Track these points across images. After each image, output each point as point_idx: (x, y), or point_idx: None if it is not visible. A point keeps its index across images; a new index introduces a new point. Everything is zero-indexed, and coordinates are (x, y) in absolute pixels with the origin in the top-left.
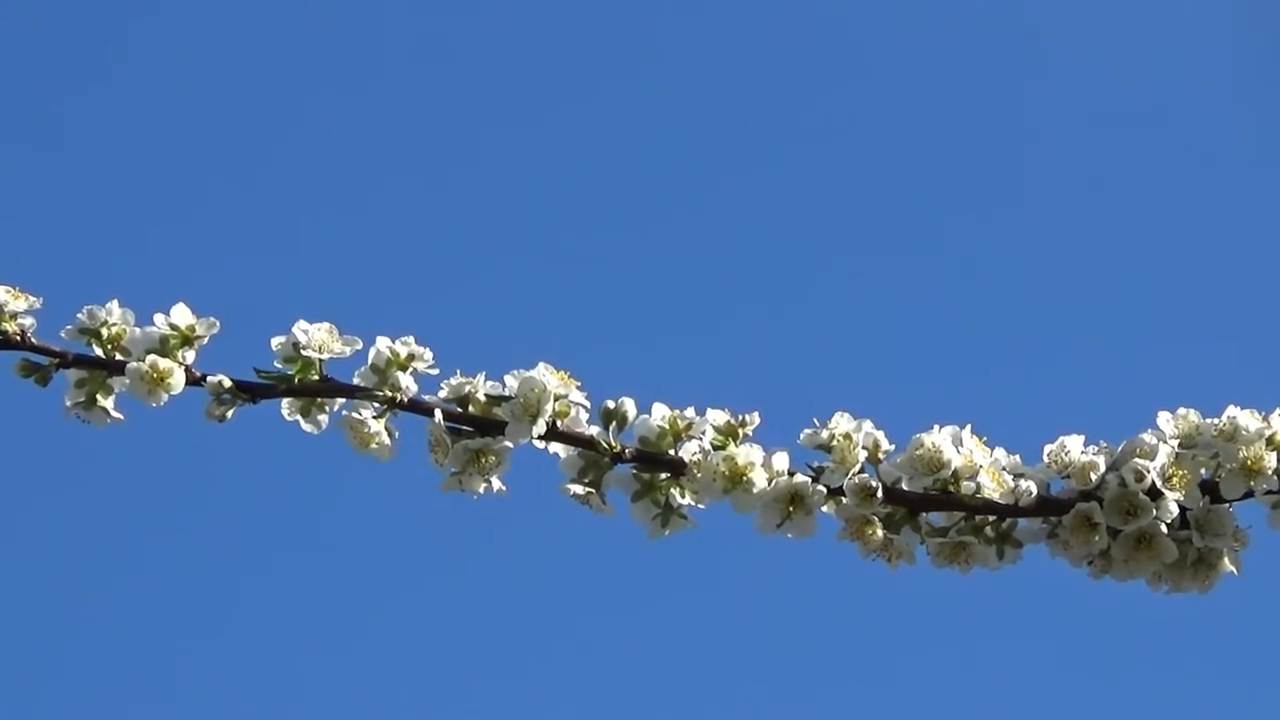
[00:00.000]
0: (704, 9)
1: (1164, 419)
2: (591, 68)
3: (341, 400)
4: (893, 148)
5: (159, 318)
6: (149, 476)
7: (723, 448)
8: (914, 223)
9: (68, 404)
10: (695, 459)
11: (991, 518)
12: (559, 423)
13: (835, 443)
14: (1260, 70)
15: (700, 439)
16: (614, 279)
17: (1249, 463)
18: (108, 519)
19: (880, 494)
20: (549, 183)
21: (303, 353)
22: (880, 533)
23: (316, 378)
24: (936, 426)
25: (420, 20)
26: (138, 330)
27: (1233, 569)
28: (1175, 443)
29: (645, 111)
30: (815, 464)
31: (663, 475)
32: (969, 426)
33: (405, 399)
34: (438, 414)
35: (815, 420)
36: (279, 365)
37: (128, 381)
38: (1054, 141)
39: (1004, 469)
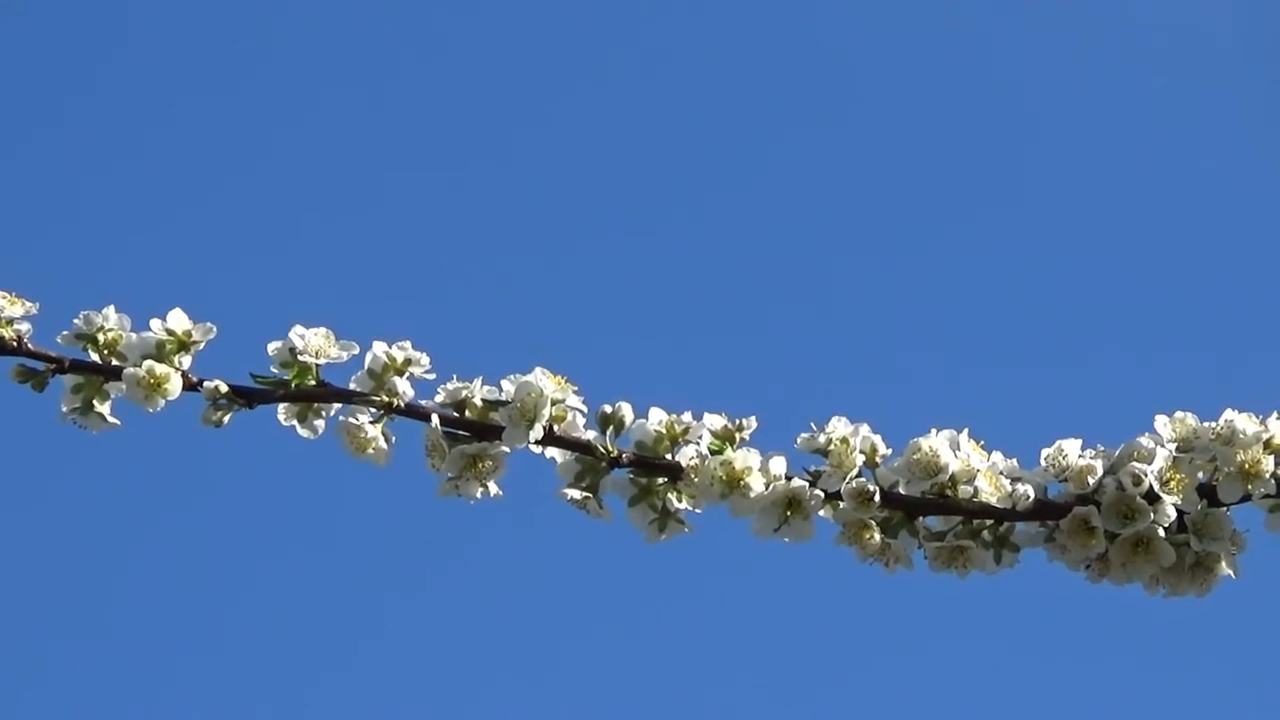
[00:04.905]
0: (708, 6)
1: (1161, 423)
2: (589, 67)
3: (338, 405)
4: (891, 150)
5: (155, 323)
6: (145, 482)
7: (720, 452)
8: (912, 225)
9: (64, 409)
10: (692, 463)
11: (989, 522)
12: (556, 427)
13: (832, 447)
14: (1264, 71)
15: (697, 443)
16: (611, 283)
17: (1246, 466)
18: (104, 524)
19: (878, 498)
20: (546, 185)
21: (299, 358)
22: (878, 537)
23: (313, 383)
24: (934, 430)
25: (415, 20)
26: (134, 336)
27: (1230, 573)
28: (1173, 446)
29: (642, 114)
30: (812, 468)
31: (660, 480)
32: (966, 430)
33: (402, 404)
34: (434, 419)
35: (812, 424)
36: (275, 370)
37: (124, 387)
38: (1054, 142)
39: (1001, 473)
